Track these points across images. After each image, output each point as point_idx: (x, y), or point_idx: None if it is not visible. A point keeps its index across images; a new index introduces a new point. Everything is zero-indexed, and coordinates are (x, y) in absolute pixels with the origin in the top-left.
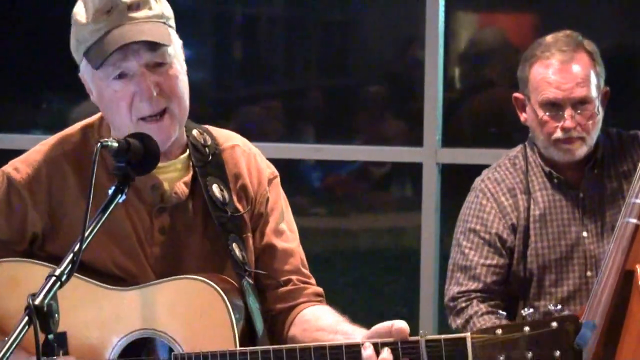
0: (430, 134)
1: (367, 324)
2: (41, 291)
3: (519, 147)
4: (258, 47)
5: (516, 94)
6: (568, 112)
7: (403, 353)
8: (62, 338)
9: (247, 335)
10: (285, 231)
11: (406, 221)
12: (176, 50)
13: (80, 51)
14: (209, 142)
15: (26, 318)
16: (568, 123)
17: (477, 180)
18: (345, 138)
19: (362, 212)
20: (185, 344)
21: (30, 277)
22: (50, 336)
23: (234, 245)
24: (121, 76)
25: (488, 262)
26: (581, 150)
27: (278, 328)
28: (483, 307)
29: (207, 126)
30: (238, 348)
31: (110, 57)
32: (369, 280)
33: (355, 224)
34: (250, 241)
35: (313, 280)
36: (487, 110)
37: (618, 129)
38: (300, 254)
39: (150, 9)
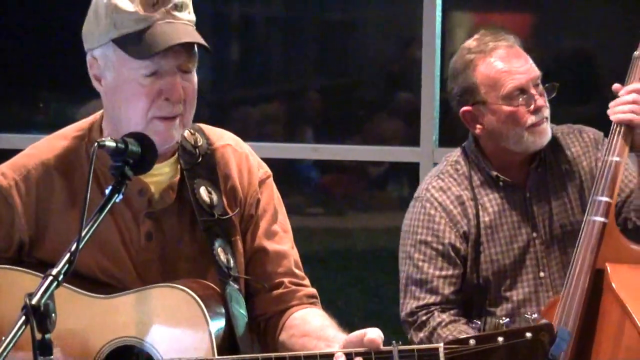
0: (427, 133)
1: (364, 324)
2: (38, 290)
3: (458, 152)
4: (256, 48)
5: (464, 109)
6: (534, 92)
7: None
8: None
9: (229, 342)
10: (278, 232)
11: (403, 221)
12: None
13: (110, 35)
14: (200, 142)
15: (23, 317)
16: (540, 102)
17: (420, 189)
18: (343, 138)
19: (359, 211)
20: (165, 352)
21: (13, 283)
22: (47, 336)
23: (219, 249)
24: (154, 73)
25: (444, 273)
26: (549, 133)
27: (270, 332)
28: (445, 316)
29: (200, 125)
30: (216, 357)
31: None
32: (366, 280)
33: (352, 223)
34: (240, 244)
35: (307, 282)
36: None
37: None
38: (293, 255)
39: (189, 12)
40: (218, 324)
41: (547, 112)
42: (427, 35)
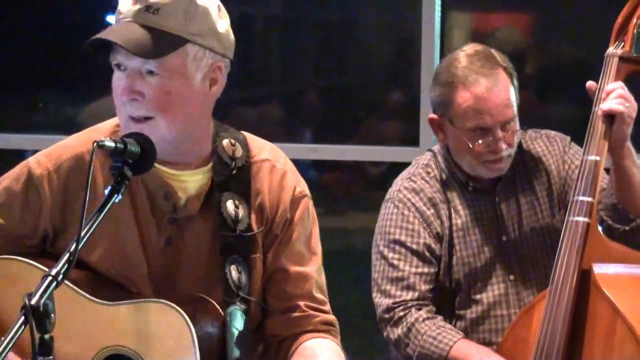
0: (426, 133)
1: (363, 324)
2: (37, 291)
3: (429, 155)
4: (254, 48)
5: (432, 116)
6: (498, 135)
7: None
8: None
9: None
10: (303, 254)
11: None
12: (188, 69)
13: None
14: (239, 154)
15: (22, 318)
16: (501, 145)
17: (392, 191)
18: (342, 138)
19: (359, 211)
20: None
21: (28, 275)
22: (47, 336)
23: (232, 267)
24: (119, 67)
25: (420, 270)
26: (508, 165)
27: (282, 356)
28: (422, 313)
29: (246, 134)
30: None
31: (115, 46)
32: (365, 279)
33: (351, 223)
34: (259, 262)
35: (327, 307)
36: None
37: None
38: (316, 277)
39: (162, 17)
40: (214, 345)
41: (507, 152)
42: (426, 35)
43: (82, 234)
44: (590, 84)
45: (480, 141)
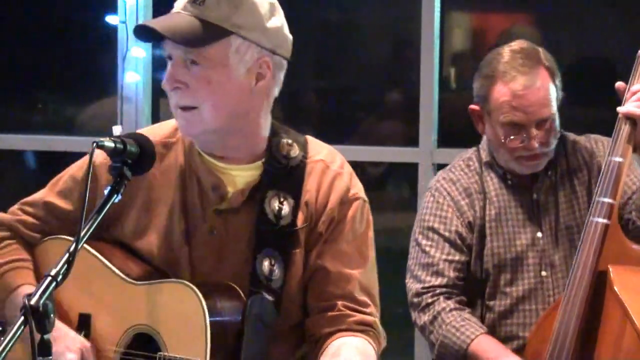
0: (426, 134)
1: None
2: (37, 291)
3: (472, 150)
4: None
5: (472, 106)
6: (532, 133)
7: None
8: (86, 320)
9: (232, 352)
10: (349, 255)
11: (402, 221)
12: (230, 60)
13: None
14: (295, 154)
15: (22, 318)
16: (533, 144)
17: (432, 181)
18: (342, 138)
19: None
20: (170, 346)
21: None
22: (46, 336)
23: (265, 259)
24: (170, 58)
25: (450, 257)
26: (543, 163)
27: (315, 354)
28: (450, 303)
29: (308, 137)
30: None
31: (163, 38)
32: None
33: None
34: (299, 258)
35: (369, 309)
36: None
37: (574, 133)
38: (360, 280)
39: (208, 9)
40: (231, 331)
41: (541, 150)
42: (425, 35)
43: (82, 234)
44: (619, 84)
45: (512, 137)
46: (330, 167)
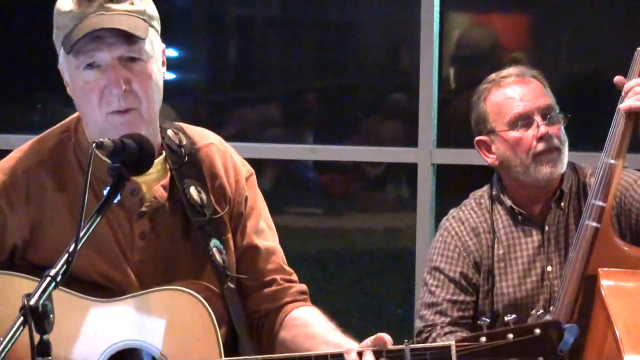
0: (425, 134)
1: (362, 325)
2: (36, 291)
3: (485, 187)
4: (254, 49)
5: (478, 138)
6: (539, 120)
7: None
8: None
9: (230, 343)
10: (265, 229)
11: (401, 221)
12: (155, 52)
13: (59, 39)
14: (184, 142)
15: (21, 318)
16: (543, 129)
17: (443, 219)
18: (341, 139)
19: (357, 212)
20: (170, 355)
21: (7, 288)
22: (46, 336)
23: (215, 249)
24: (92, 66)
25: (454, 298)
26: (560, 164)
27: (267, 330)
28: (446, 329)
29: (181, 124)
30: (224, 359)
31: (85, 46)
32: (364, 280)
33: (350, 224)
34: (231, 242)
35: (295, 277)
36: None
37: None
38: (280, 251)
39: (132, 3)
40: (223, 326)
41: (556, 142)
42: (425, 36)
43: (81, 234)
44: (618, 78)
45: (520, 125)
46: (221, 148)
